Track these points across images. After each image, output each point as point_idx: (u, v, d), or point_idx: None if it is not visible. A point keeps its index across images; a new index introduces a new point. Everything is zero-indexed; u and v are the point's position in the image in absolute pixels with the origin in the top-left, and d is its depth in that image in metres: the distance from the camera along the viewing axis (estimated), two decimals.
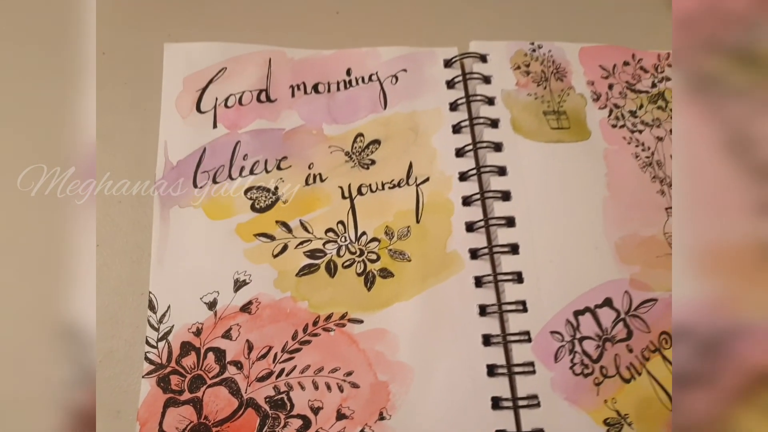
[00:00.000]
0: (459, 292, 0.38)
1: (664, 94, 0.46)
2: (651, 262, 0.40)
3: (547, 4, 0.52)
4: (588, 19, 0.51)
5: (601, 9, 0.52)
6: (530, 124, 0.43)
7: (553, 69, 0.45)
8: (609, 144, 0.43)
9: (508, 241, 0.39)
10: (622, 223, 0.40)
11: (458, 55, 0.45)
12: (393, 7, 0.49)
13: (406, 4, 0.49)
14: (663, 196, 0.42)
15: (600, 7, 0.52)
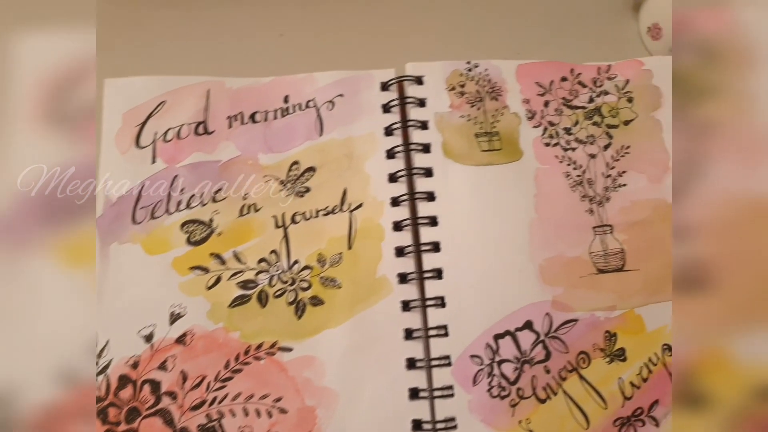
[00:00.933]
0: (386, 316, 0.41)
1: (601, 109, 0.47)
2: (574, 282, 0.42)
3: (491, 20, 0.52)
4: (530, 35, 0.52)
5: (545, 24, 0.53)
6: (461, 147, 0.44)
7: (488, 88, 0.47)
8: (541, 163, 0.45)
9: (433, 266, 0.41)
10: (548, 244, 0.42)
11: (394, 78, 0.46)
12: (338, 27, 0.50)
13: (352, 24, 0.51)
14: (591, 215, 0.44)
15: (544, 22, 0.53)
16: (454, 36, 0.51)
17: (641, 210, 0.44)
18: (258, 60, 0.47)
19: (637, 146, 0.46)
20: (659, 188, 0.45)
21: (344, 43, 0.50)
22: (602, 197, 0.44)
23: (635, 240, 0.43)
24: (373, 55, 0.49)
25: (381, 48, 0.49)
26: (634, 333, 0.41)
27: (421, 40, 0.50)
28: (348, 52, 0.49)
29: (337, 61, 0.47)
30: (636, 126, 0.47)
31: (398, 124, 0.45)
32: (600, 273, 0.42)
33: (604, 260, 0.42)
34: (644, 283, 0.42)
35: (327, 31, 0.50)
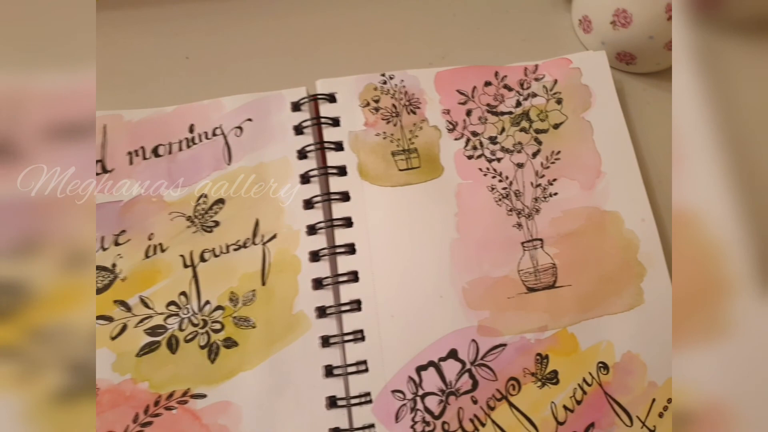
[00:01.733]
0: (304, 354, 0.39)
1: (529, 113, 0.45)
2: (501, 304, 0.40)
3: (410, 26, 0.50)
4: (454, 38, 0.50)
5: (470, 23, 0.50)
6: (377, 168, 0.42)
7: (405, 101, 0.44)
8: (462, 178, 0.43)
9: (351, 297, 0.40)
10: (472, 266, 0.40)
11: (306, 97, 0.44)
12: (247, 46, 0.48)
13: (261, 42, 0.49)
14: (519, 229, 0.42)
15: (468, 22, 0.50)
16: (369, 47, 0.49)
17: (573, 220, 0.42)
18: (161, 86, 0.45)
19: (567, 151, 0.44)
20: (592, 195, 0.42)
21: (254, 62, 0.47)
22: (531, 209, 0.42)
23: (567, 253, 0.41)
24: (285, 73, 0.46)
25: (292, 65, 0.47)
26: (567, 353, 0.39)
27: (335, 54, 0.48)
28: (258, 72, 0.47)
29: (246, 83, 0.45)
30: (566, 129, 0.44)
31: (312, 146, 0.43)
32: (530, 291, 0.40)
33: (535, 277, 0.40)
34: (577, 299, 0.40)
35: (235, 51, 0.47)
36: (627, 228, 0.42)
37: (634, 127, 0.47)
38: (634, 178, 0.43)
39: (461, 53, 0.49)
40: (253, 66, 0.47)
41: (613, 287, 0.40)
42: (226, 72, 0.47)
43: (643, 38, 0.44)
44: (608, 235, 0.42)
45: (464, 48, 0.50)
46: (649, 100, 0.48)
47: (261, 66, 0.47)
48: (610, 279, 0.41)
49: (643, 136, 0.46)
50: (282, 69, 0.47)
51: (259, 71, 0.47)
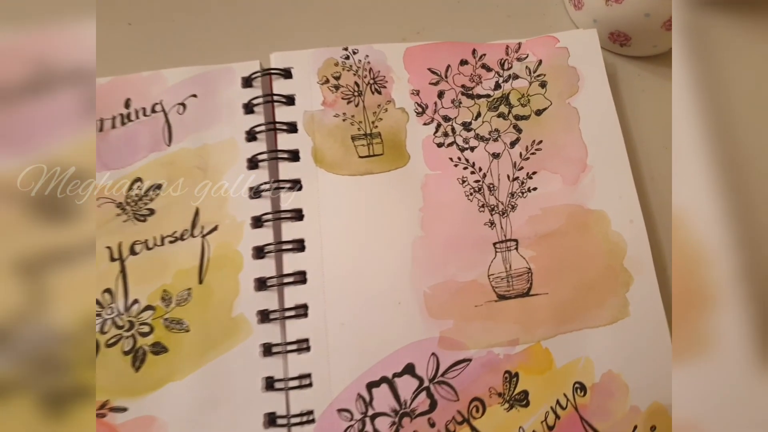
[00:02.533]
0: (243, 364, 0.35)
1: (509, 97, 0.40)
2: (468, 313, 0.35)
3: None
4: (429, 13, 0.44)
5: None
6: (334, 153, 0.37)
7: (369, 79, 0.39)
8: (431, 169, 0.38)
9: (296, 301, 0.35)
10: (436, 268, 0.36)
11: (258, 72, 0.39)
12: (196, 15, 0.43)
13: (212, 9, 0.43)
14: (492, 228, 0.37)
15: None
16: (334, 18, 0.43)
17: (554, 219, 0.37)
18: (98, 55, 0.40)
19: (550, 141, 0.39)
20: (575, 191, 0.37)
21: (203, 31, 0.42)
22: (506, 205, 0.37)
23: (545, 256, 0.36)
24: (237, 45, 0.41)
25: (246, 36, 0.42)
26: (540, 371, 0.34)
27: (295, 25, 0.43)
28: (207, 43, 0.42)
29: (193, 54, 0.40)
30: (550, 116, 0.39)
31: (262, 127, 0.37)
32: (501, 299, 0.36)
33: (507, 283, 0.35)
34: (554, 310, 0.35)
35: (183, 18, 0.42)
36: (613, 230, 0.38)
37: (626, 117, 0.43)
38: (623, 174, 0.38)
39: (439, 29, 0.44)
40: (202, 36, 0.42)
41: (594, 297, 0.36)
42: (171, 41, 0.42)
43: (639, 16, 0.39)
44: (592, 238, 0.37)
45: (442, 23, 0.45)
46: (645, 87, 0.43)
47: (211, 36, 0.42)
48: (592, 287, 0.37)
49: (636, 127, 0.42)
50: (234, 40, 0.42)
51: (208, 42, 0.42)
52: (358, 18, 0.44)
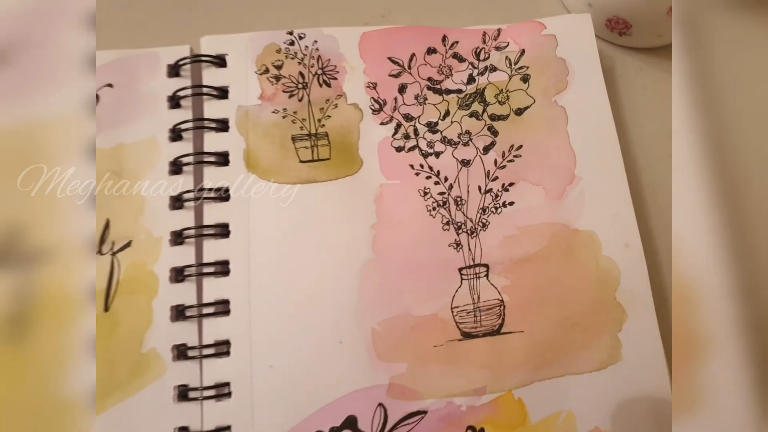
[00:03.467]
0: (153, 409, 0.29)
1: (485, 92, 0.33)
2: (424, 355, 0.29)
3: None
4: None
5: None
6: (271, 156, 0.32)
7: (317, 69, 0.33)
8: (387, 177, 0.32)
9: (217, 336, 0.28)
10: (388, 299, 0.30)
11: (186, 58, 0.32)
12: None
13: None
14: (458, 250, 0.30)
15: None
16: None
17: (533, 240, 0.31)
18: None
19: (532, 146, 0.33)
20: (560, 207, 0.31)
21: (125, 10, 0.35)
22: (476, 223, 0.31)
23: (521, 286, 0.31)
24: (165, 26, 0.35)
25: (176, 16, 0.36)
26: (511, 427, 0.28)
27: (231, 5, 0.36)
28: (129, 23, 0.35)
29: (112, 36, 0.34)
30: (532, 116, 0.33)
31: (189, 124, 0.31)
32: (465, 338, 0.31)
33: (474, 318, 0.30)
34: (530, 352, 0.30)
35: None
36: (605, 255, 0.32)
37: (624, 118, 0.37)
38: (618, 187, 0.32)
39: (408, 13, 0.39)
40: (123, 15, 0.36)
41: (580, 337, 0.31)
42: None
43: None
44: (579, 264, 0.32)
45: (412, 6, 0.39)
46: (647, 84, 0.38)
47: (134, 16, 0.36)
48: (578, 325, 0.31)
49: (635, 131, 0.36)
50: (161, 21, 0.35)
51: (131, 22, 0.35)
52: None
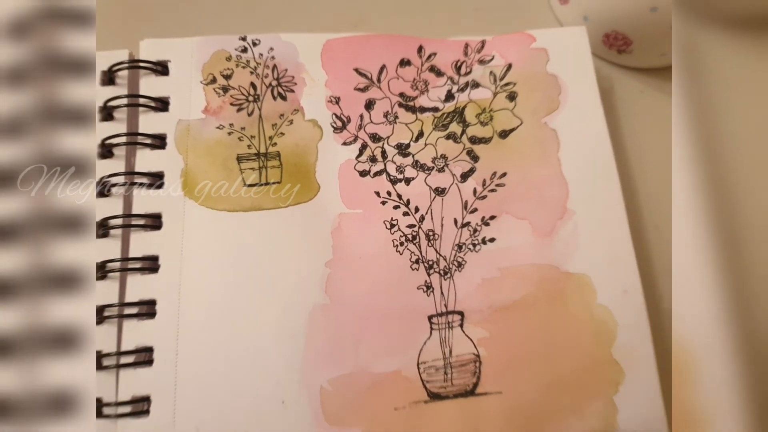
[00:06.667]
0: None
1: (465, 111, 0.31)
2: (383, 419, 0.27)
3: None
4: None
5: None
6: (212, 179, 0.30)
7: (271, 80, 0.30)
8: (348, 206, 0.30)
9: (136, 392, 0.25)
10: (342, 352, 0.28)
11: (123, 63, 0.30)
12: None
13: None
14: (428, 294, 0.28)
15: None
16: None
17: (517, 284, 0.30)
18: None
19: (518, 174, 0.31)
20: (549, 246, 0.29)
21: None
22: (451, 262, 0.29)
23: (501, 339, 0.29)
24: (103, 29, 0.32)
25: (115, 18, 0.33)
26: None
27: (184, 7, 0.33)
28: None
29: None
30: (519, 140, 0.31)
31: (121, 139, 0.28)
32: (434, 399, 0.28)
33: (444, 376, 0.28)
34: (509, 418, 0.28)
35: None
36: (600, 303, 0.29)
37: (624, 146, 0.35)
38: (617, 224, 0.30)
39: (385, 22, 0.37)
40: None
41: (570, 401, 0.28)
42: None
43: (643, 10, 0.32)
44: (569, 314, 0.29)
45: (390, 14, 0.37)
46: (650, 107, 0.37)
47: None
48: (567, 386, 0.28)
49: (637, 160, 0.34)
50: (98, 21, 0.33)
51: None
52: (273, 2, 0.35)
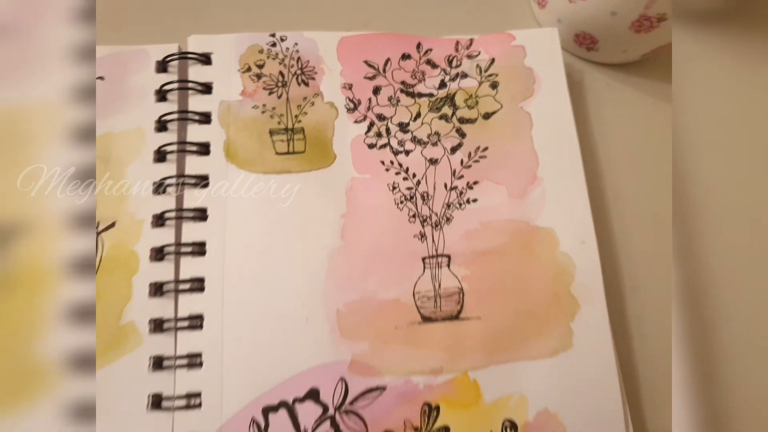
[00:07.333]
0: (129, 378, 0.33)
1: (455, 97, 0.38)
2: (386, 335, 0.33)
3: None
4: (379, 4, 0.43)
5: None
6: (249, 148, 0.36)
7: (296, 69, 0.38)
8: (358, 172, 0.36)
9: (192, 311, 0.33)
10: (354, 283, 0.34)
11: (174, 54, 0.37)
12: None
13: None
14: (422, 241, 0.35)
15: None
16: (266, 3, 0.42)
17: (494, 235, 0.35)
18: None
19: (497, 148, 0.37)
20: (522, 205, 0.36)
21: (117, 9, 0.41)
22: (441, 217, 0.35)
23: (480, 277, 0.35)
24: (155, 25, 0.40)
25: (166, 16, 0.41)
26: (466, 406, 0.32)
27: (219, 7, 0.41)
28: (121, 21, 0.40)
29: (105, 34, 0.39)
30: (499, 121, 0.38)
31: (174, 116, 0.36)
32: (425, 322, 0.34)
33: (434, 304, 0.34)
34: (487, 337, 0.34)
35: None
36: (562, 251, 0.36)
37: (591, 129, 0.42)
38: (577, 189, 0.37)
39: (389, 23, 0.43)
40: (116, 14, 0.41)
41: (535, 325, 0.35)
42: None
43: (605, 14, 0.38)
44: (537, 259, 0.35)
45: (393, 16, 0.44)
46: (614, 98, 0.42)
47: (126, 14, 0.41)
48: (533, 314, 0.35)
49: (602, 141, 0.41)
50: (152, 20, 0.40)
51: (123, 20, 0.40)
52: (297, 4, 0.43)
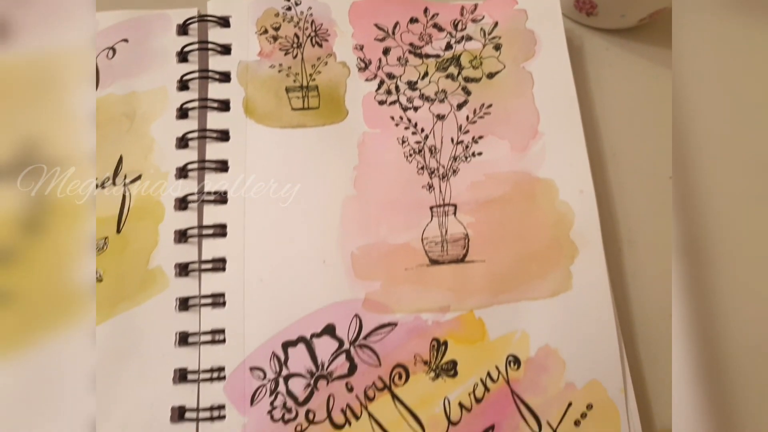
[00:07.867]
0: (157, 317, 0.36)
1: (460, 58, 0.41)
2: (397, 276, 0.36)
3: None
4: None
5: None
6: (266, 104, 0.39)
7: (310, 31, 0.41)
8: (369, 126, 0.39)
9: (215, 255, 0.36)
10: (366, 229, 0.37)
11: (194, 18, 0.40)
12: None
13: None
14: (430, 191, 0.38)
15: None
16: None
17: (497, 185, 0.38)
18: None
19: (500, 105, 0.40)
20: (523, 158, 0.39)
21: None
22: (447, 169, 0.39)
23: (484, 223, 0.38)
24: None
25: None
26: (472, 341, 0.35)
27: None
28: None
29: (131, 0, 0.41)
30: (502, 80, 0.41)
31: (195, 75, 0.39)
32: (433, 264, 0.37)
33: (441, 248, 0.37)
34: (491, 279, 0.37)
35: None
36: (561, 200, 0.39)
37: (590, 91, 0.44)
38: (576, 142, 0.40)
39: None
40: None
41: (536, 268, 0.37)
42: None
43: None
44: (538, 207, 0.38)
45: None
46: (612, 62, 0.45)
47: None
48: (534, 258, 0.37)
49: (600, 102, 0.44)
50: None
51: None
52: None
